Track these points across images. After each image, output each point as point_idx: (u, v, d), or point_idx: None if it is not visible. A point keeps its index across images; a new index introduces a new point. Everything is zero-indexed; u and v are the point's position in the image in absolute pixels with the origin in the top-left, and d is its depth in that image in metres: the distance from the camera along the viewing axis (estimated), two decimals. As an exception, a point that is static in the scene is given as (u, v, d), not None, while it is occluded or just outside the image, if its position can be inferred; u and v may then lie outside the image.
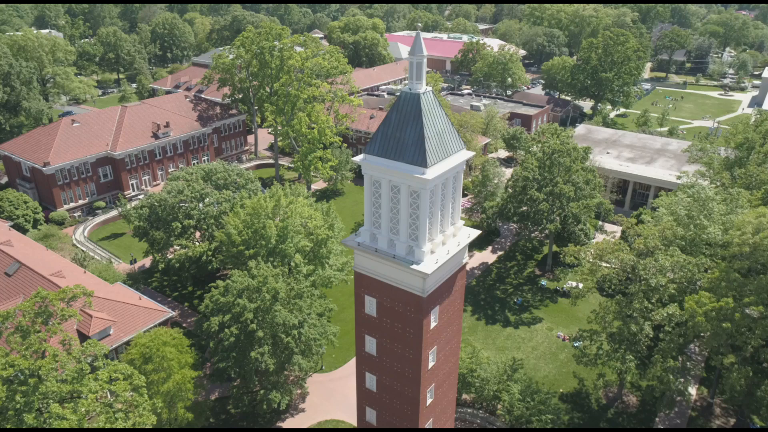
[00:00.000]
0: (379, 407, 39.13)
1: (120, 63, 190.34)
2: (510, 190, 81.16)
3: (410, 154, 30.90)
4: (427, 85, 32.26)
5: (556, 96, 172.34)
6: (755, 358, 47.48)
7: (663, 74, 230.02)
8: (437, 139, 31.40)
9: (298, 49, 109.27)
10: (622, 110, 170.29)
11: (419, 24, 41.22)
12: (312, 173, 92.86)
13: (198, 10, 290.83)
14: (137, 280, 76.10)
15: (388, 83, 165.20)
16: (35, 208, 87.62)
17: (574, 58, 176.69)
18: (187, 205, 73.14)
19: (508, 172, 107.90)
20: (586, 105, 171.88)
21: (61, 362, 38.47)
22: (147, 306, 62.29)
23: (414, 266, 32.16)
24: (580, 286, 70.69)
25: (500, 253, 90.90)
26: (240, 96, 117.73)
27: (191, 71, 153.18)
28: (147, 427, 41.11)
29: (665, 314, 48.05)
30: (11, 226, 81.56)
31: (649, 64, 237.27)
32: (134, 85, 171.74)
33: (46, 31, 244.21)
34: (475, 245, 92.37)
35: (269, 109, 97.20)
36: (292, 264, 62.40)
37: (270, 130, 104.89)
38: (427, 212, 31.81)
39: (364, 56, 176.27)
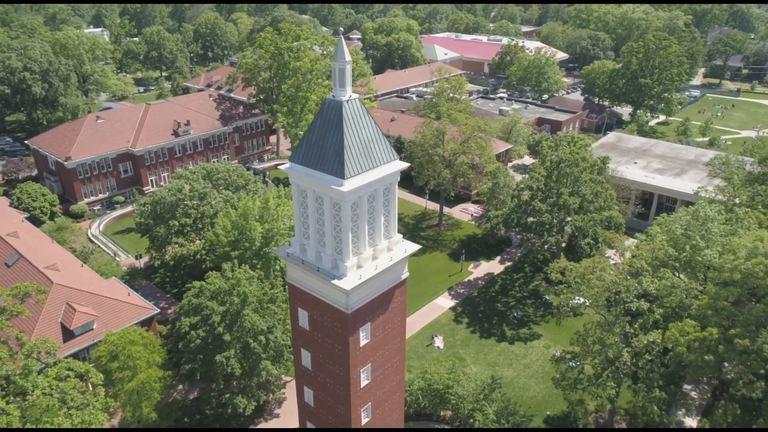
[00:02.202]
0: (317, 422, 37.92)
1: (162, 61, 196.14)
2: (516, 200, 78.27)
3: (330, 164, 29.55)
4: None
5: (596, 102, 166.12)
6: (744, 394, 43.50)
7: (716, 81, 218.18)
8: (360, 150, 29.90)
9: (318, 49, 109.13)
10: (664, 118, 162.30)
11: (341, 28, 39.43)
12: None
13: (245, 10, 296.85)
14: (136, 276, 77.50)
15: (419, 85, 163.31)
16: (52, 201, 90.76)
17: (614, 62, 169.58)
18: (186, 203, 73.93)
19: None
20: (625, 112, 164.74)
21: (2, 359, 39.04)
22: (133, 302, 63.12)
23: (335, 281, 30.78)
24: (587, 303, 67.23)
25: (508, 263, 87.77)
26: (263, 96, 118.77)
27: (224, 71, 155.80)
28: (95, 426, 41.22)
29: (645, 341, 44.67)
30: (27, 218, 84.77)
31: (701, 70, 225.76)
32: (170, 83, 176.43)
33: (99, 29, 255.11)
34: (483, 254, 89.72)
35: (280, 110, 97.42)
36: (278, 267, 61.89)
37: (283, 130, 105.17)
38: (349, 225, 30.36)
39: (396, 58, 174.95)
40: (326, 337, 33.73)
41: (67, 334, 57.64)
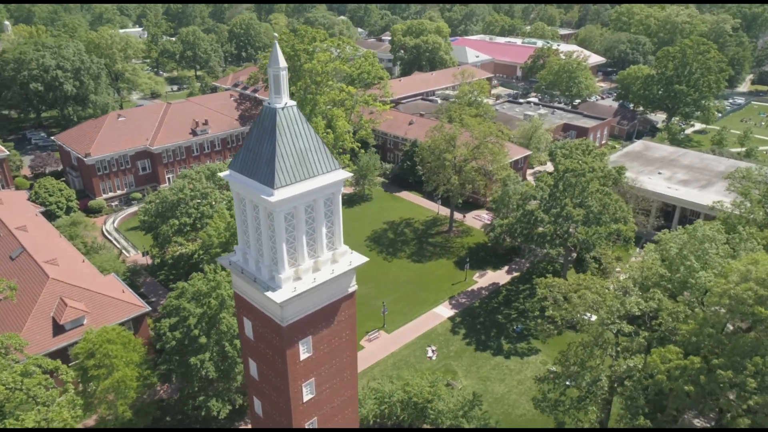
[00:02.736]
0: (266, 434, 37.20)
1: (197, 61, 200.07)
2: (521, 209, 75.79)
3: (262, 173, 28.72)
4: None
5: (630, 108, 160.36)
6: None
7: (765, 88, 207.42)
8: (295, 159, 28.95)
9: (336, 52, 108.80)
10: (702, 126, 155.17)
11: (275, 34, 38.36)
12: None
13: (283, 11, 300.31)
14: (141, 272, 78.71)
15: (445, 88, 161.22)
16: (69, 196, 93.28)
17: (651, 67, 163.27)
18: (188, 203, 74.63)
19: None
20: (660, 119, 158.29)
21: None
22: (126, 300, 63.95)
23: (269, 293, 29.93)
24: (593, 318, 64.46)
25: (515, 274, 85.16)
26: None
27: (251, 71, 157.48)
28: (55, 425, 41.59)
29: (625, 367, 42.13)
30: (42, 212, 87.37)
31: (749, 77, 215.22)
32: (199, 82, 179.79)
33: (140, 29, 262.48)
34: (490, 264, 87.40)
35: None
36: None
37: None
38: (283, 236, 29.46)
39: (424, 60, 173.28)
40: (268, 349, 32.97)
41: (58, 329, 58.85)
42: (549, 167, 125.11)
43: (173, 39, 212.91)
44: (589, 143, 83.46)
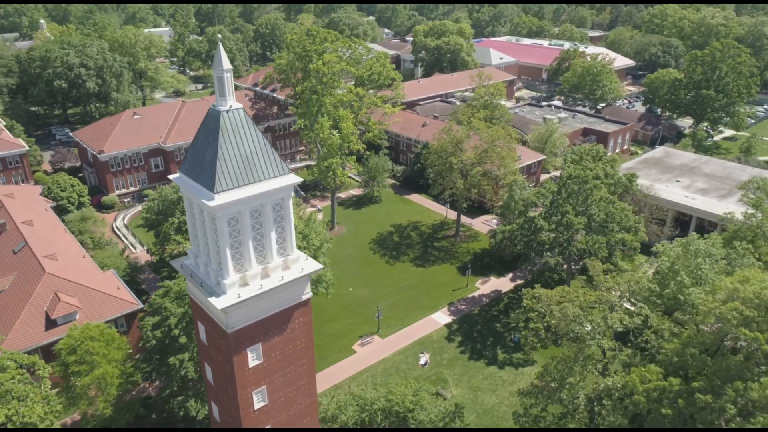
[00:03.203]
0: (224, 439, 36.73)
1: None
2: (524, 216, 73.90)
3: (205, 177, 28.20)
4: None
5: (658, 113, 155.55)
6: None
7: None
8: (239, 163, 28.32)
9: (348, 52, 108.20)
10: (732, 132, 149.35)
11: (219, 35, 37.64)
12: (339, 179, 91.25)
13: (312, 11, 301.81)
14: (145, 269, 79.56)
15: (465, 90, 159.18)
16: (81, 192, 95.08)
17: (680, 70, 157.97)
18: (188, 201, 75.06)
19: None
20: (687, 124, 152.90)
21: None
22: (120, 296, 64.60)
23: (212, 298, 29.41)
24: (588, 328, 62.35)
25: (520, 281, 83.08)
26: (297, 97, 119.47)
27: (269, 70, 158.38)
28: (27, 420, 41.98)
29: (603, 385, 40.26)
30: (54, 207, 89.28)
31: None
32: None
33: (167, 28, 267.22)
34: (495, 270, 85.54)
35: (296, 112, 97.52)
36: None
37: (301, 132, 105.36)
38: (226, 241, 28.88)
39: (445, 61, 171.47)
40: (218, 354, 32.50)
41: (50, 323, 59.78)
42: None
43: (199, 38, 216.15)
44: (600, 149, 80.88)
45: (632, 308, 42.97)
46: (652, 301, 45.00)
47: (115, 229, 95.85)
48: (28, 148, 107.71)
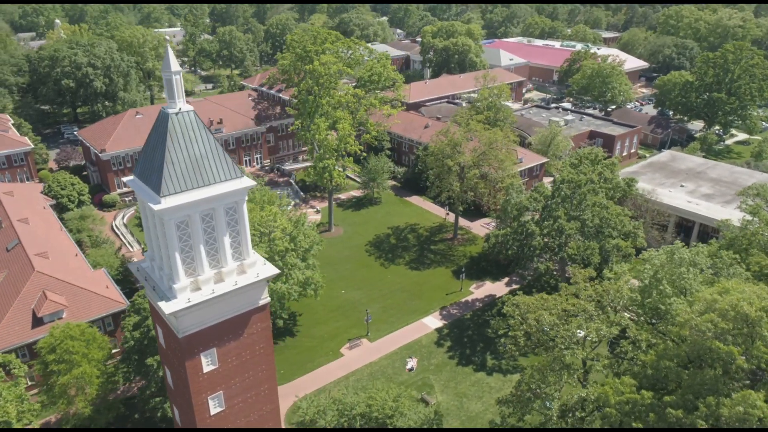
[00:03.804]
0: (185, 444, 36.45)
1: (232, 60, 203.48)
2: (517, 221, 72.86)
3: (153, 180, 27.91)
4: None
5: (669, 115, 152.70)
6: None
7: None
8: (188, 166, 27.98)
9: (349, 53, 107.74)
10: (745, 136, 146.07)
11: (167, 38, 37.47)
12: (335, 180, 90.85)
13: (325, 11, 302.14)
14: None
15: (472, 91, 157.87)
16: (81, 190, 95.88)
17: (693, 73, 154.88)
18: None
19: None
20: (698, 127, 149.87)
21: None
22: (107, 295, 64.84)
23: (161, 302, 29.10)
24: (587, 337, 61.14)
25: (515, 286, 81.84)
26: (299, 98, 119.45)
27: (273, 71, 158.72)
28: (2, 419, 42.20)
29: (576, 397, 39.24)
30: (53, 205, 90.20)
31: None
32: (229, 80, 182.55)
33: (179, 28, 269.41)
34: (490, 274, 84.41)
35: (293, 113, 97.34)
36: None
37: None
38: (175, 244, 28.55)
39: (453, 62, 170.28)
40: (174, 358, 32.20)
41: (37, 321, 60.17)
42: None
43: (211, 38, 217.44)
44: (599, 152, 79.55)
45: (613, 317, 41.81)
46: (633, 311, 43.81)
47: (115, 228, 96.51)
48: (33, 146, 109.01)
